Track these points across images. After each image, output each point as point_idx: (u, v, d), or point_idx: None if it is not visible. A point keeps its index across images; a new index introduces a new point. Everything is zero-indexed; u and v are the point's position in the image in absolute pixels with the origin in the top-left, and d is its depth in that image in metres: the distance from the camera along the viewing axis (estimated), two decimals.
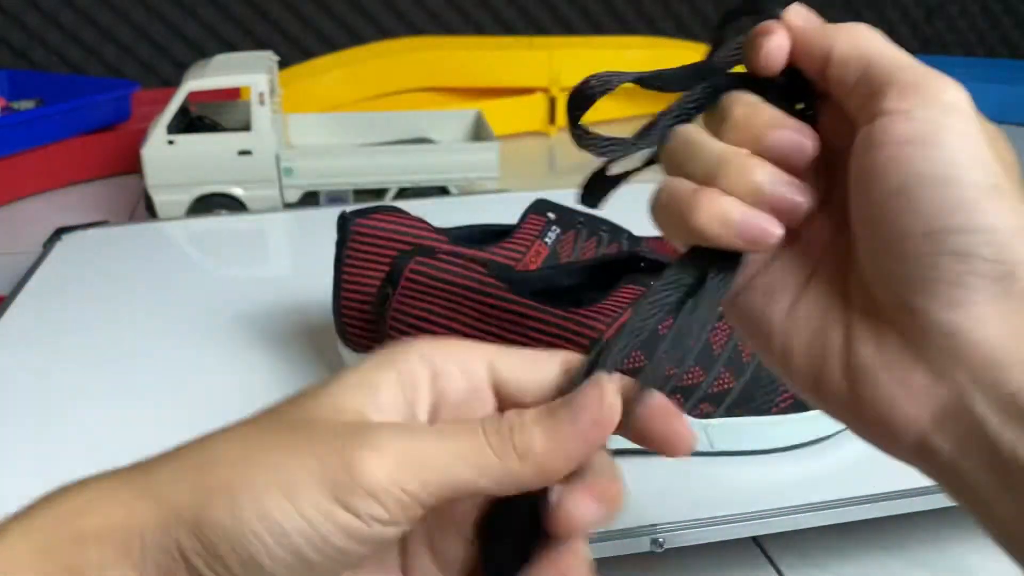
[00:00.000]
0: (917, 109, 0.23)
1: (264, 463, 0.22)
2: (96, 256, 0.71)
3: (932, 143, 0.22)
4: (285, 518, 0.21)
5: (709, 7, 1.67)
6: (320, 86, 1.25)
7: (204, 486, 0.22)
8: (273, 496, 0.21)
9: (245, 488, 0.22)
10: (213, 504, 0.22)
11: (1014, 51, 1.84)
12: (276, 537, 0.21)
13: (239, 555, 0.21)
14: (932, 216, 0.22)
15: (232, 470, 0.22)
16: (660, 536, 0.39)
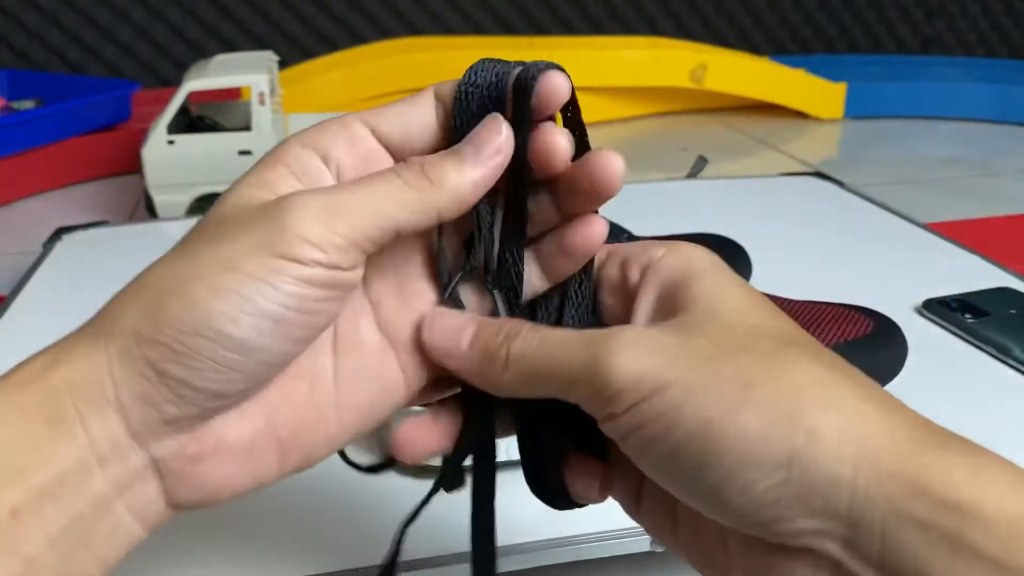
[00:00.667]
0: (607, 409, 0.23)
1: (202, 256, 0.23)
2: (96, 256, 0.71)
3: (637, 430, 0.22)
4: (236, 284, 0.22)
5: (709, 7, 1.67)
6: (320, 86, 1.25)
7: (151, 300, 0.23)
8: (219, 273, 0.22)
9: (191, 281, 0.23)
10: (166, 307, 0.23)
11: (1014, 51, 1.84)
12: (234, 303, 0.22)
13: (208, 337, 0.22)
14: (693, 482, 0.22)
15: (173, 276, 0.23)
16: None
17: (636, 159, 1.21)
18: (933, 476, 0.20)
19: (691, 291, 0.24)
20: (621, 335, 0.23)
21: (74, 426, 0.23)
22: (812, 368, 0.22)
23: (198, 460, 0.24)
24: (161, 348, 0.22)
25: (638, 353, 0.22)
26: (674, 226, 0.66)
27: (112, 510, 0.23)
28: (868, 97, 1.41)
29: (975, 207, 1.00)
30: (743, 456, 0.21)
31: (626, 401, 0.22)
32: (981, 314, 0.56)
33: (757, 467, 0.21)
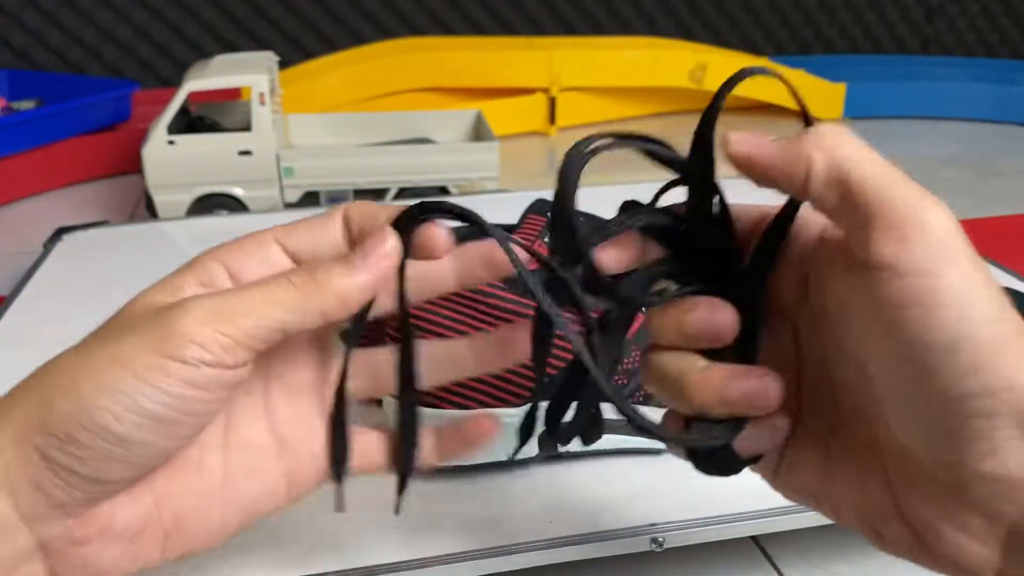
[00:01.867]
0: (906, 260, 0.21)
1: (95, 354, 0.25)
2: (96, 256, 0.71)
3: (931, 305, 0.21)
4: (121, 383, 0.24)
5: (709, 7, 1.67)
6: (320, 86, 1.25)
7: (46, 392, 0.24)
8: (107, 370, 0.24)
9: (82, 376, 0.24)
10: (56, 400, 0.24)
11: (1014, 51, 1.84)
12: (118, 401, 0.23)
13: (92, 430, 0.23)
14: (948, 384, 0.21)
15: (67, 371, 0.25)
16: (660, 536, 0.39)
17: (636, 159, 1.21)
18: None
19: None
20: (935, 204, 0.23)
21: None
22: None
23: (84, 543, 0.25)
24: (47, 437, 0.24)
25: (951, 216, 0.22)
26: None
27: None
28: (868, 97, 1.41)
29: (975, 207, 1.00)
30: (1012, 383, 0.20)
31: (928, 257, 0.21)
32: None
33: (1017, 401, 0.20)
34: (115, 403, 0.24)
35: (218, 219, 0.83)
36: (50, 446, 0.24)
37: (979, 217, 0.95)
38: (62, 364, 0.25)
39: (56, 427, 0.24)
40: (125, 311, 0.27)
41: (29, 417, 0.24)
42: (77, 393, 0.24)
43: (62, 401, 0.24)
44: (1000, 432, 0.20)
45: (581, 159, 0.27)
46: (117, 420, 0.24)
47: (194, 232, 0.78)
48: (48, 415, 0.24)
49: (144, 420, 0.24)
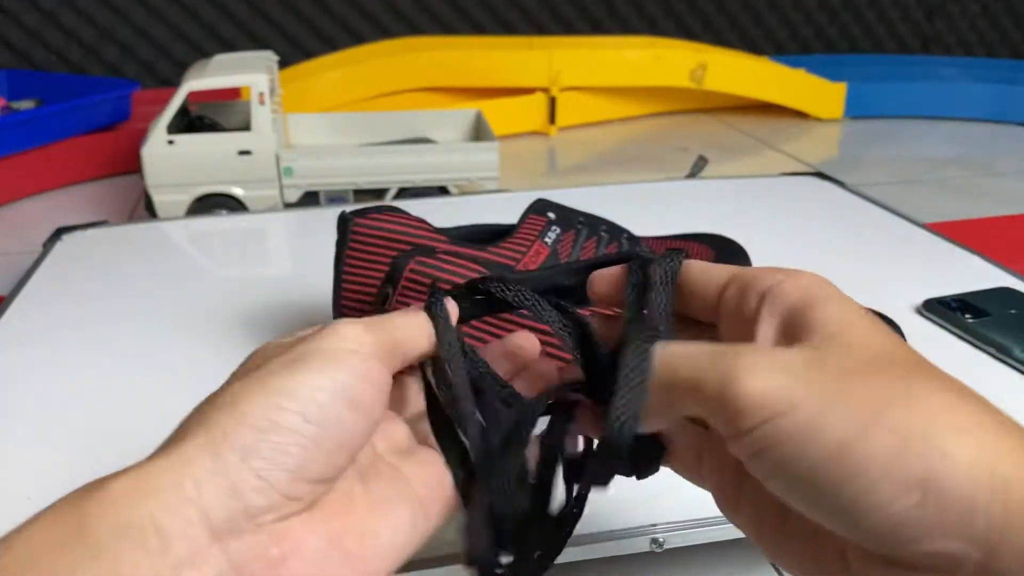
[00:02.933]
0: (739, 425, 0.22)
1: (268, 375, 0.26)
2: (96, 256, 0.71)
3: (770, 448, 0.22)
4: (311, 368, 0.26)
5: (709, 7, 1.67)
6: (320, 86, 1.25)
7: (227, 402, 0.25)
8: (290, 374, 0.26)
9: (266, 376, 0.26)
10: (248, 398, 0.25)
11: (1014, 51, 1.84)
12: (311, 380, 0.25)
13: (291, 409, 0.25)
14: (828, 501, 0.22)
15: (244, 385, 0.26)
16: (660, 536, 0.39)
17: (636, 159, 1.21)
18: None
19: (816, 315, 0.24)
20: (750, 354, 0.23)
21: (145, 533, 0.22)
22: (943, 393, 0.22)
23: (280, 562, 0.24)
24: (247, 430, 0.24)
25: (767, 371, 0.22)
26: (674, 226, 0.66)
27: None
28: (868, 97, 1.41)
29: (975, 207, 1.00)
30: (878, 475, 0.21)
31: (754, 419, 0.22)
32: (981, 314, 0.56)
33: (891, 487, 0.20)
34: (308, 382, 0.25)
35: (218, 219, 0.83)
36: (252, 440, 0.24)
37: (979, 217, 0.95)
38: (231, 384, 0.27)
39: (257, 417, 0.24)
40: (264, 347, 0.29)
41: (219, 422, 0.24)
42: (270, 384, 0.25)
43: (255, 395, 0.25)
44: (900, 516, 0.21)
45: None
46: (311, 398, 0.25)
47: (194, 232, 0.78)
48: (243, 412, 0.24)
49: (334, 399, 0.25)
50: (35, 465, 0.44)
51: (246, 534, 0.23)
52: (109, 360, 0.54)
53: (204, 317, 0.60)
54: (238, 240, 0.77)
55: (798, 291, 0.25)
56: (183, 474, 0.23)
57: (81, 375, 0.53)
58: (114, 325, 0.59)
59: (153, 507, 0.22)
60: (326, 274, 0.52)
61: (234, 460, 0.23)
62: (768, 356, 0.23)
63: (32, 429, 0.47)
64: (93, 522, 0.22)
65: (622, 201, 0.82)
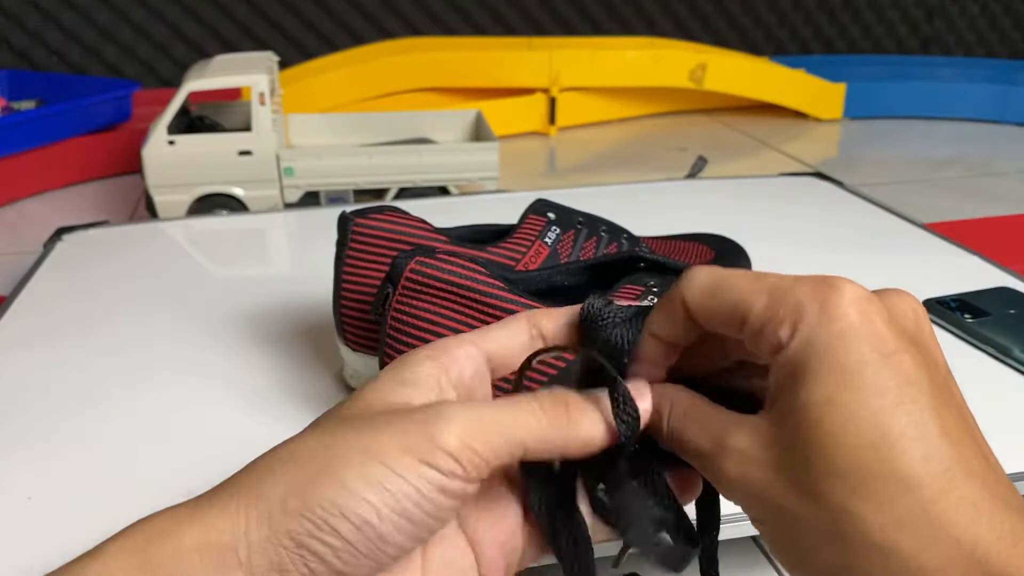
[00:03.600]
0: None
1: (351, 443, 0.25)
2: (96, 256, 0.71)
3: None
4: (385, 479, 0.24)
5: (709, 7, 1.67)
6: (320, 86, 1.25)
7: (301, 475, 0.24)
8: (371, 465, 0.24)
9: (344, 465, 0.24)
10: (318, 485, 0.24)
11: (1014, 51, 1.84)
12: (381, 496, 0.24)
13: (353, 523, 0.24)
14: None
15: (324, 455, 0.24)
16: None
17: (636, 159, 1.21)
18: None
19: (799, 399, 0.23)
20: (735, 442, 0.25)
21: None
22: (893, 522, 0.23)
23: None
24: (307, 523, 0.23)
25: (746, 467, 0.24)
26: (674, 226, 0.66)
27: None
28: (868, 97, 1.41)
29: (975, 207, 1.00)
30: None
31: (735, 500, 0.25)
32: (981, 314, 0.56)
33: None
34: (378, 499, 0.24)
35: (218, 219, 0.83)
36: (307, 533, 0.23)
37: (979, 217, 0.95)
38: (312, 447, 0.25)
39: (318, 515, 0.23)
40: (363, 402, 0.27)
41: (285, 499, 0.24)
42: (341, 481, 0.24)
43: (326, 486, 0.24)
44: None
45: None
46: (378, 516, 0.24)
47: (194, 232, 0.78)
48: (309, 500, 0.23)
49: (402, 520, 0.24)
50: (36, 465, 0.44)
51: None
52: (110, 360, 0.55)
53: (205, 317, 0.60)
54: (238, 240, 0.77)
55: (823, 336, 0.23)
56: (239, 538, 0.23)
57: (82, 375, 0.53)
58: (115, 325, 0.59)
59: (208, 565, 0.23)
60: (326, 274, 0.52)
61: (287, 543, 0.23)
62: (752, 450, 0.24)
63: (33, 429, 0.47)
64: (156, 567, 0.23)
65: (622, 201, 0.82)
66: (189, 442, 0.46)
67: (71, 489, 0.42)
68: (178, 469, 0.43)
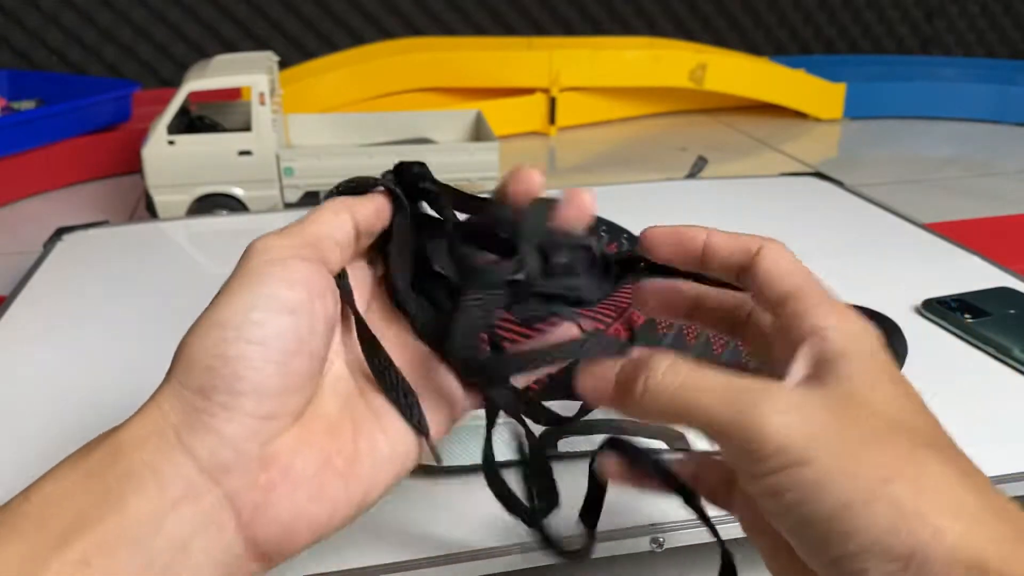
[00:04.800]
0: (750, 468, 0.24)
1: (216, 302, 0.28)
2: (96, 256, 0.71)
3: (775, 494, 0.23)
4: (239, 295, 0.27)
5: (709, 7, 1.67)
6: (320, 86, 1.25)
7: (179, 354, 0.27)
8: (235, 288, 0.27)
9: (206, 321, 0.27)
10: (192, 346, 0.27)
11: (1014, 51, 1.84)
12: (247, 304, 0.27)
13: (229, 338, 0.26)
14: (816, 552, 0.23)
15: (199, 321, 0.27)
16: (660, 536, 0.39)
17: (636, 159, 1.21)
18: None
19: (848, 367, 0.25)
20: (773, 399, 0.24)
21: (143, 477, 0.25)
22: (946, 469, 0.23)
23: (270, 488, 0.26)
24: (200, 372, 0.26)
25: (789, 420, 0.23)
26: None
27: (189, 554, 0.24)
28: (868, 97, 1.41)
29: (975, 207, 1.00)
30: (869, 542, 0.22)
31: (770, 466, 0.23)
32: (981, 314, 0.56)
33: (880, 555, 0.22)
34: (243, 309, 0.26)
35: (218, 219, 0.83)
36: (208, 379, 0.25)
37: (979, 217, 0.95)
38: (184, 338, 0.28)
39: (204, 361, 0.26)
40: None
41: (176, 373, 0.26)
42: (207, 323, 0.27)
43: (196, 342, 0.26)
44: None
45: None
46: (252, 312, 0.26)
47: (194, 232, 0.78)
48: (191, 359, 0.26)
49: (269, 310, 0.26)
50: (36, 465, 0.44)
51: (233, 468, 0.25)
52: (110, 360, 0.55)
53: None
54: (238, 240, 0.76)
55: (841, 342, 0.26)
56: (159, 422, 0.26)
57: (82, 375, 0.53)
58: (115, 325, 0.59)
59: (147, 456, 0.25)
60: None
61: (198, 401, 0.25)
62: (791, 404, 0.24)
63: (33, 429, 0.47)
64: (101, 472, 0.25)
65: (622, 201, 0.82)
66: None
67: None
68: None
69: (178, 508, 0.24)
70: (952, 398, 0.49)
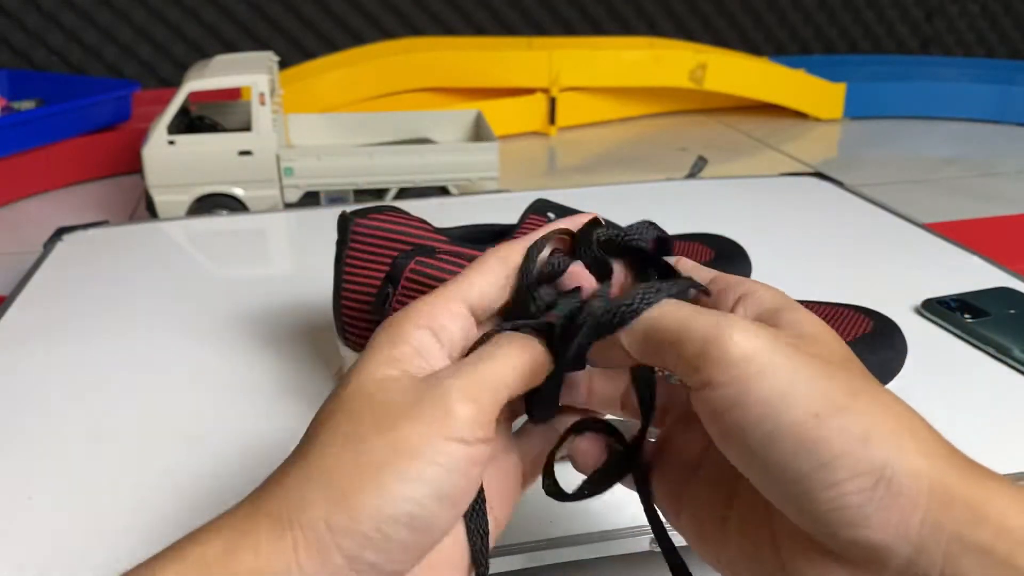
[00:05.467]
0: (714, 375, 0.24)
1: (377, 446, 0.25)
2: (96, 256, 0.71)
3: (741, 404, 0.23)
4: (421, 470, 0.24)
5: (709, 7, 1.67)
6: (320, 86, 1.25)
7: (338, 491, 0.24)
8: (402, 461, 0.24)
9: (378, 470, 0.24)
10: (358, 497, 0.24)
11: (1014, 51, 1.84)
12: (421, 488, 0.24)
13: (400, 521, 0.24)
14: (783, 469, 0.23)
15: (355, 467, 0.24)
16: None
17: (636, 159, 1.21)
18: (993, 505, 0.21)
19: (788, 317, 0.26)
20: (740, 320, 0.24)
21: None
22: (895, 400, 0.24)
23: None
24: (357, 537, 0.23)
25: (757, 333, 0.24)
26: (674, 226, 0.66)
27: None
28: (868, 97, 1.41)
29: (975, 207, 1.00)
30: (841, 452, 0.22)
31: (732, 372, 0.23)
32: (981, 314, 0.56)
33: (852, 466, 0.22)
34: (419, 491, 0.24)
35: (218, 219, 0.83)
36: (360, 547, 0.24)
37: (979, 217, 0.95)
38: (333, 459, 0.25)
39: (367, 526, 0.24)
40: (362, 390, 0.26)
41: (329, 519, 0.24)
42: (381, 486, 0.24)
43: (365, 497, 0.24)
44: (849, 498, 0.22)
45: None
46: (421, 507, 0.24)
47: (194, 232, 0.78)
48: (355, 515, 0.24)
49: (444, 503, 0.24)
50: (36, 465, 0.44)
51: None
52: (110, 360, 0.55)
53: (205, 317, 0.60)
54: (238, 240, 0.77)
55: (771, 299, 0.27)
56: (290, 562, 0.23)
57: (81, 375, 0.53)
58: (115, 325, 0.59)
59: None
60: (326, 274, 0.52)
61: (340, 562, 0.23)
62: (755, 326, 0.24)
63: (33, 429, 0.47)
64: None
65: (622, 201, 0.82)
66: (189, 442, 0.46)
67: (71, 489, 0.42)
68: (178, 469, 0.43)
69: None
70: (952, 398, 0.49)
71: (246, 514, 0.24)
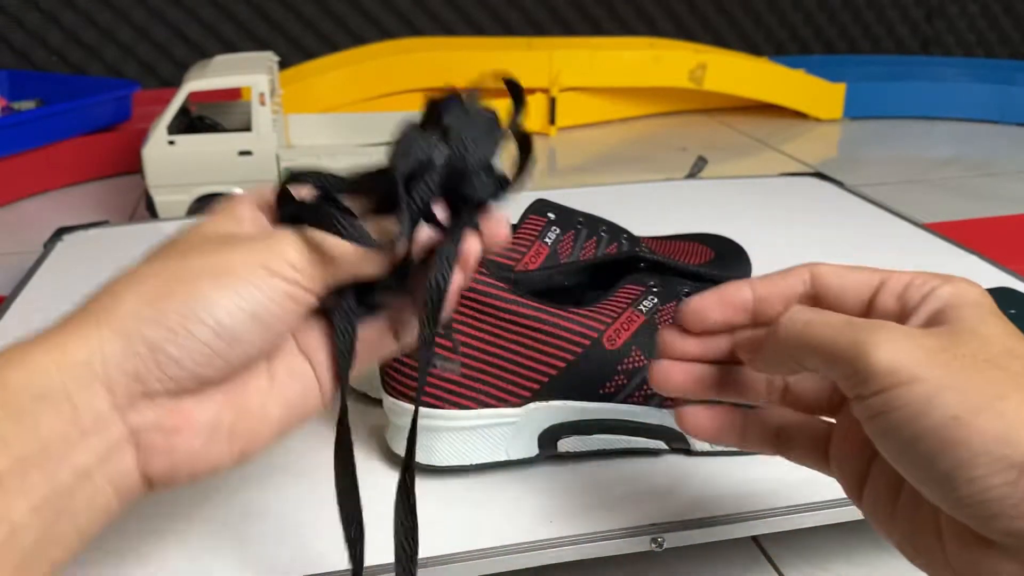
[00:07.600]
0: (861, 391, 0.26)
1: (201, 261, 0.28)
2: (96, 256, 0.71)
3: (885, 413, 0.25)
4: (238, 286, 0.27)
5: (709, 7, 1.67)
6: (320, 86, 1.25)
7: (155, 288, 0.27)
8: (224, 276, 0.27)
9: (196, 276, 0.27)
10: (173, 295, 0.27)
11: (1014, 51, 1.84)
12: (233, 300, 0.27)
13: (208, 324, 0.27)
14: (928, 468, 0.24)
15: (176, 271, 0.28)
16: (660, 536, 0.39)
17: (636, 159, 1.21)
18: None
19: (958, 312, 0.27)
20: (886, 329, 0.26)
21: (60, 401, 0.25)
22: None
23: (172, 432, 0.28)
24: (161, 329, 0.26)
25: (899, 347, 0.25)
26: (674, 226, 0.66)
27: (92, 480, 0.26)
28: (868, 97, 1.41)
29: (975, 207, 1.00)
30: (980, 450, 0.23)
31: (878, 385, 0.25)
32: None
33: (991, 464, 0.23)
34: (231, 301, 0.27)
35: None
36: (163, 339, 0.26)
37: (979, 217, 0.95)
38: (163, 267, 0.28)
39: (173, 320, 0.26)
40: (199, 232, 0.30)
41: (139, 311, 0.26)
42: (195, 288, 0.27)
43: (180, 294, 0.27)
44: (993, 492, 0.23)
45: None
46: (229, 315, 0.27)
47: None
48: (164, 308, 0.26)
49: (253, 323, 0.27)
50: None
51: (143, 409, 0.27)
52: None
53: None
54: None
55: (951, 294, 0.28)
56: (94, 352, 0.26)
57: None
58: None
59: (67, 380, 0.26)
60: None
61: (143, 351, 0.26)
62: (904, 332, 0.26)
63: None
64: (16, 388, 0.25)
65: (622, 201, 0.82)
66: None
67: None
68: None
69: (87, 437, 0.26)
70: None
71: (73, 316, 0.28)
